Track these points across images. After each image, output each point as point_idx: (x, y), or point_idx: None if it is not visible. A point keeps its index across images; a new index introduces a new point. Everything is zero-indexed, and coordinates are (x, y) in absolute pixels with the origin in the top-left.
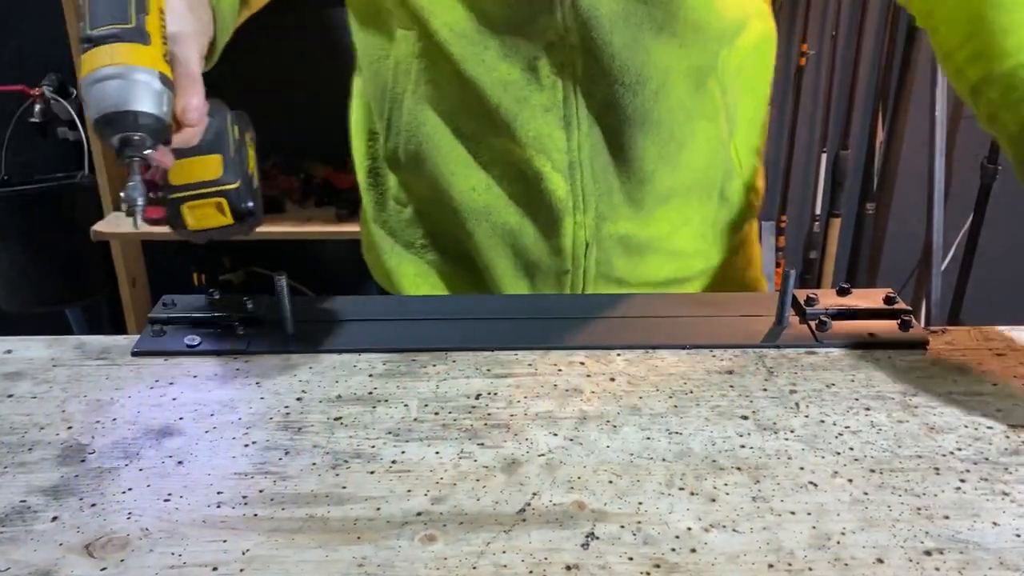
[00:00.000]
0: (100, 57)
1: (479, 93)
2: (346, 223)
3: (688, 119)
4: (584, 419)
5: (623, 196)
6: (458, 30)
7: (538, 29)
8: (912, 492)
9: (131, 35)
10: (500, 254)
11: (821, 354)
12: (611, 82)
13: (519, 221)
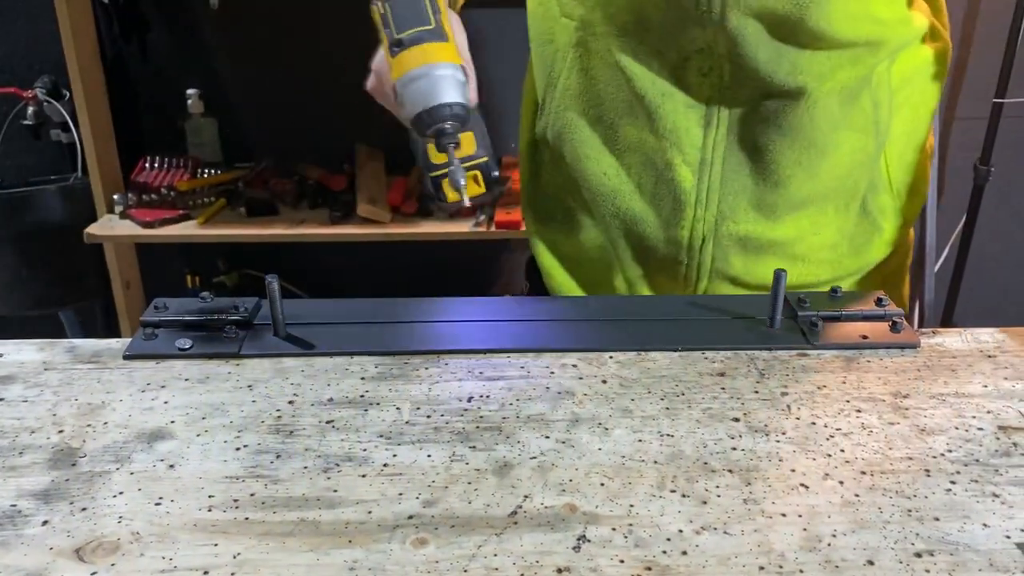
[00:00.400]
0: (412, 58)
1: (627, 82)
2: (340, 225)
3: (834, 129)
4: (576, 421)
5: (752, 197)
6: (619, 24)
7: (688, 36)
8: (903, 494)
9: (434, 35)
10: (621, 238)
11: (813, 356)
12: (755, 90)
13: (642, 208)
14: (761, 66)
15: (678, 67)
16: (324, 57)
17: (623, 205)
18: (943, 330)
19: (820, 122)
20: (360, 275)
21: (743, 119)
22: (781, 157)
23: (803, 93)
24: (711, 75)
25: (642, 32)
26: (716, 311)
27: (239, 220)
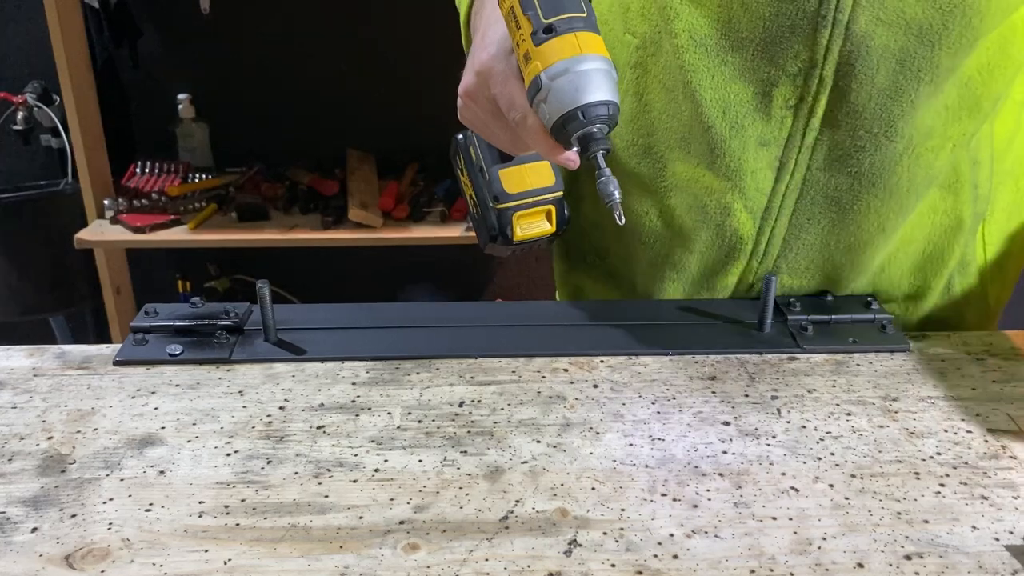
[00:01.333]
0: (566, 47)
1: (692, 110)
2: (331, 230)
3: (927, 186)
4: (567, 426)
5: (818, 258)
6: (698, 38)
7: (789, 52)
8: (892, 497)
9: (588, 25)
10: (658, 280)
11: (803, 360)
12: (855, 128)
13: (683, 256)
14: (875, 94)
15: (761, 96)
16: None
17: (663, 250)
18: (932, 334)
19: (917, 180)
20: (352, 280)
21: (827, 166)
22: (864, 219)
23: (907, 139)
24: (801, 107)
25: (728, 48)
26: (706, 315)
27: (230, 225)
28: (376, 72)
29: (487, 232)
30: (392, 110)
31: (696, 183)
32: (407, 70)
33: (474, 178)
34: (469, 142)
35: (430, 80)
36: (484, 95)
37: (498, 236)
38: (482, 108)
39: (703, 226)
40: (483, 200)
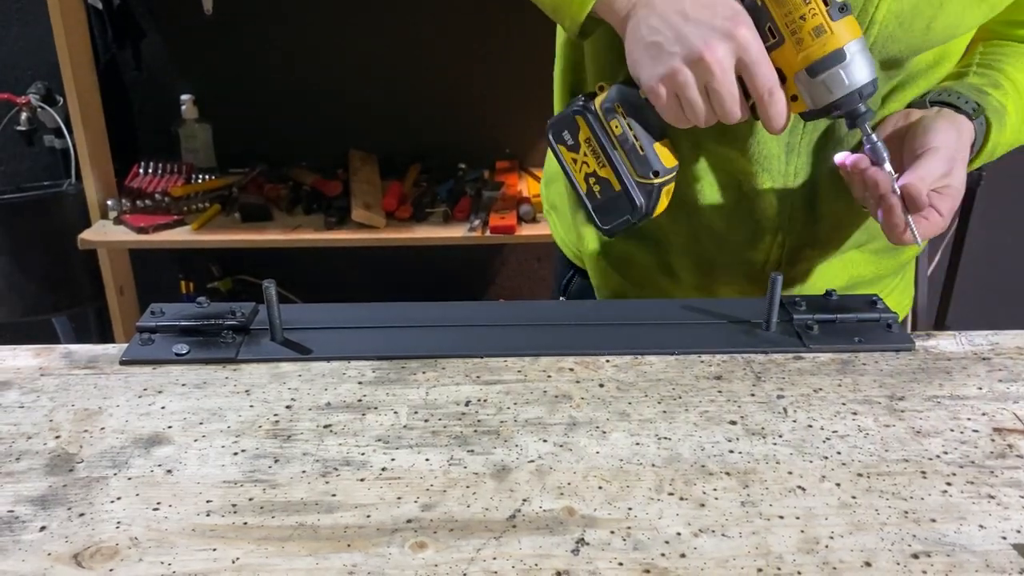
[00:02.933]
0: (855, 27)
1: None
2: (335, 231)
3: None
4: (574, 425)
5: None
6: None
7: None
8: (899, 496)
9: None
10: (688, 251)
11: (808, 359)
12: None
13: (720, 228)
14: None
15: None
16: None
17: (699, 222)
18: (937, 332)
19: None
20: (355, 280)
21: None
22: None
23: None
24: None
25: None
26: (712, 314)
27: (233, 226)
28: (378, 73)
29: (628, 208)
30: (394, 111)
31: (731, 163)
32: (409, 71)
33: (611, 154)
34: (606, 117)
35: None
36: (728, 62)
37: (644, 211)
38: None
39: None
40: (625, 176)
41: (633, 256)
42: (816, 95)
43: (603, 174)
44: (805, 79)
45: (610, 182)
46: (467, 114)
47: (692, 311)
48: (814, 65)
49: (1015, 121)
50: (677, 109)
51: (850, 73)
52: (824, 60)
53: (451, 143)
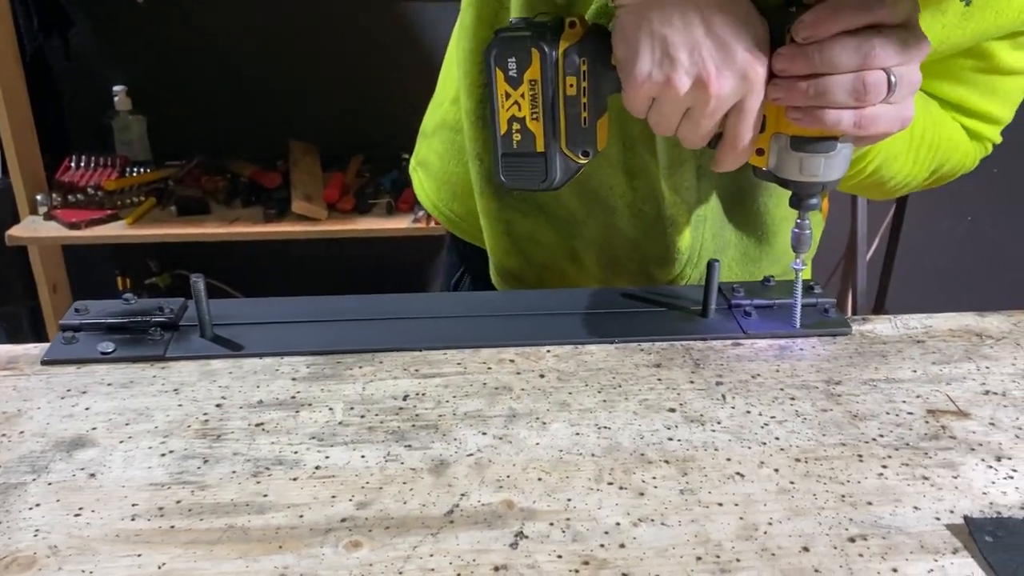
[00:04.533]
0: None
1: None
2: (274, 223)
3: None
4: (514, 417)
5: (737, 252)
6: None
7: None
8: (836, 480)
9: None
10: (598, 245)
11: (747, 345)
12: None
13: (632, 236)
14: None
15: None
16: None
17: (616, 223)
18: (873, 317)
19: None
20: (297, 274)
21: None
22: (768, 214)
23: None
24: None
25: None
26: (651, 302)
27: (170, 220)
28: (318, 62)
29: (539, 176)
30: (335, 101)
31: (652, 173)
32: (350, 60)
33: (553, 112)
34: (566, 69)
35: (374, 70)
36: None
37: (554, 185)
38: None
39: (655, 211)
40: (555, 143)
41: (537, 234)
42: (784, 166)
43: (532, 127)
44: (784, 145)
45: (535, 139)
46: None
47: (631, 299)
48: (802, 140)
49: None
50: (644, 108)
51: (829, 166)
52: (815, 142)
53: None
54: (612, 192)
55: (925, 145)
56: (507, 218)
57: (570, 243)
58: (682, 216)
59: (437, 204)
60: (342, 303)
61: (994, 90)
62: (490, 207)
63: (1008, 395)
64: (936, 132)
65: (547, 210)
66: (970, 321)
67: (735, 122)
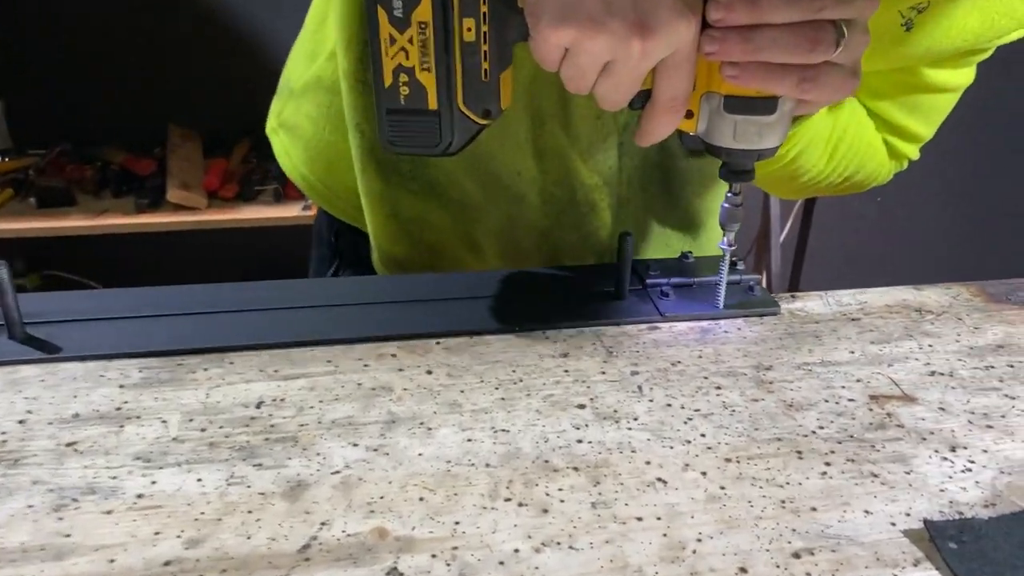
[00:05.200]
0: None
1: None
2: (147, 214)
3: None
4: (393, 423)
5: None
6: None
7: None
8: (774, 482)
9: None
10: (499, 235)
11: (664, 329)
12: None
13: (542, 225)
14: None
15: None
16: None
17: (525, 211)
18: (803, 294)
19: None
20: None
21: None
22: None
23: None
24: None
25: None
26: (557, 284)
27: (30, 212)
28: (201, 41)
29: (432, 140)
30: (221, 82)
31: (566, 154)
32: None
33: (447, 61)
34: (463, 10)
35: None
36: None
37: (449, 150)
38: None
39: (568, 196)
40: (451, 98)
41: (429, 217)
42: (716, 131)
43: (422, 79)
44: (716, 107)
45: (426, 95)
46: None
47: (535, 280)
48: (738, 101)
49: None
50: (556, 60)
51: (766, 132)
52: (752, 103)
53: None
54: (519, 178)
55: (845, 144)
56: (393, 198)
57: (467, 228)
58: (602, 200)
59: (307, 176)
60: (187, 294)
61: (918, 107)
62: (372, 186)
63: (955, 375)
64: (858, 134)
65: (440, 191)
66: (907, 295)
67: (664, 79)
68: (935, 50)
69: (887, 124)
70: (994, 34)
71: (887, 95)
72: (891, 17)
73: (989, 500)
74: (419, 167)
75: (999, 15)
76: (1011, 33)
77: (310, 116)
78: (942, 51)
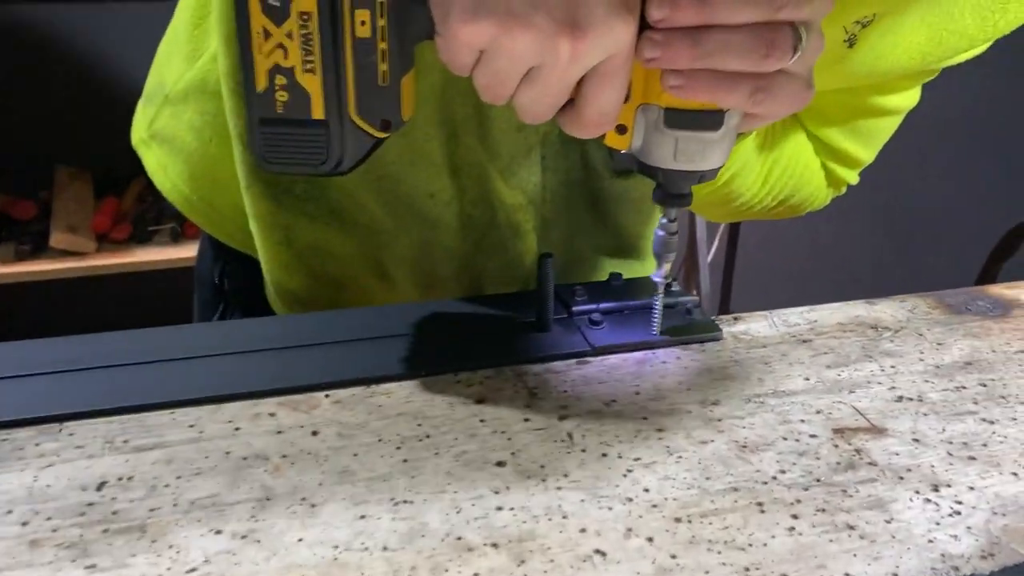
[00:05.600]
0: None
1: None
2: (28, 261)
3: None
4: (267, 500)
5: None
6: None
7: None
8: (734, 544)
9: None
10: (411, 263)
11: (595, 363)
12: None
13: (463, 251)
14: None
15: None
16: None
17: (441, 236)
18: (746, 315)
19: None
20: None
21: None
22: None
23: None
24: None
25: None
26: (471, 316)
27: None
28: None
29: (319, 156)
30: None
31: (485, 171)
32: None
33: (335, 61)
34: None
35: None
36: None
37: (338, 169)
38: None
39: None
40: (340, 106)
41: (330, 245)
42: (653, 148)
43: (305, 83)
44: (654, 121)
45: (310, 102)
46: None
47: (443, 313)
48: (680, 115)
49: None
50: (468, 63)
51: (710, 150)
52: (696, 116)
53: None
54: (433, 200)
55: (780, 166)
56: (286, 223)
57: (376, 255)
58: (526, 222)
59: (189, 195)
60: (19, 351)
61: (860, 130)
62: (261, 208)
63: (925, 399)
64: (794, 155)
65: (342, 215)
66: (860, 311)
67: (594, 89)
68: (879, 69)
69: (827, 148)
70: (941, 52)
71: (829, 118)
72: (834, 33)
73: (986, 550)
74: (316, 187)
75: (948, 32)
76: (960, 54)
77: (192, 126)
78: (887, 70)
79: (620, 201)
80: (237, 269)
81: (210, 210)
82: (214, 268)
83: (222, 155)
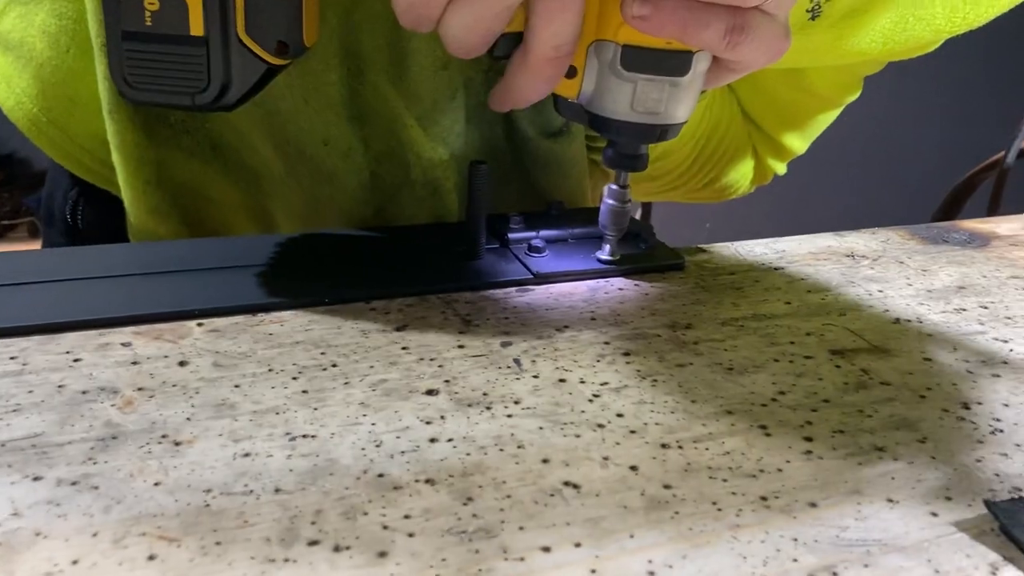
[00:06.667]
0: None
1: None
2: None
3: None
4: (112, 439)
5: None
6: None
7: None
8: (741, 471)
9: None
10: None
11: (540, 291)
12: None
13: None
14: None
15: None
16: None
17: (338, 195)
18: (708, 246)
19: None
20: None
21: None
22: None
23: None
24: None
25: None
26: (384, 244)
27: None
28: None
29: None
30: None
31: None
32: None
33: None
34: None
35: None
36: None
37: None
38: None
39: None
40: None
41: (207, 187)
42: (608, 96)
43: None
44: (610, 60)
45: (187, 12)
46: None
47: (351, 240)
48: (641, 54)
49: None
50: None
51: (673, 100)
52: (660, 56)
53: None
54: (327, 149)
55: (713, 143)
56: (157, 158)
57: (262, 204)
58: (447, 180)
59: (37, 116)
60: None
61: (798, 119)
62: (128, 138)
63: (925, 320)
64: (728, 133)
65: (225, 153)
66: (830, 242)
67: (544, 16)
68: (838, 48)
69: (762, 134)
70: (904, 39)
71: (770, 99)
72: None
73: None
74: (195, 118)
75: (915, 19)
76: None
77: (46, 30)
78: (845, 51)
79: (546, 163)
80: (94, 206)
81: (62, 136)
82: (65, 203)
83: (81, 69)
